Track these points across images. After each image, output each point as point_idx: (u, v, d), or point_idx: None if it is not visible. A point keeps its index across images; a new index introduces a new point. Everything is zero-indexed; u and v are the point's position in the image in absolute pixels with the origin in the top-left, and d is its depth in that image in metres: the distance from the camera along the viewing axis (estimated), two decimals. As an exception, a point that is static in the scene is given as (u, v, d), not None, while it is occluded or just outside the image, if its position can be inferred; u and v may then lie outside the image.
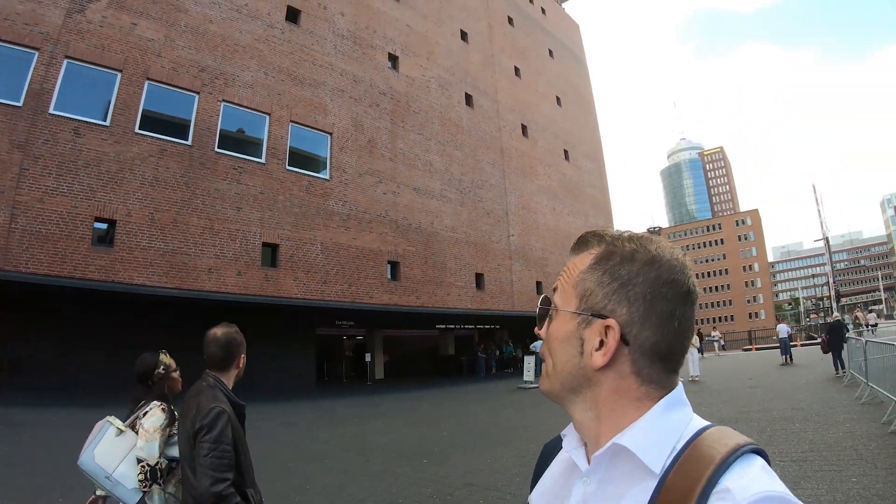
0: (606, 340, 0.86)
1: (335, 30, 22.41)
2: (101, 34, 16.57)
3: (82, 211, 15.24)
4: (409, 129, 24.35)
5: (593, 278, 0.90)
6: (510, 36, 34.01)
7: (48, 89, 15.43)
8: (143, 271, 15.89)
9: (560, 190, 34.30)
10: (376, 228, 21.62)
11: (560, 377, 0.91)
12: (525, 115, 32.54)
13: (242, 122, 19.03)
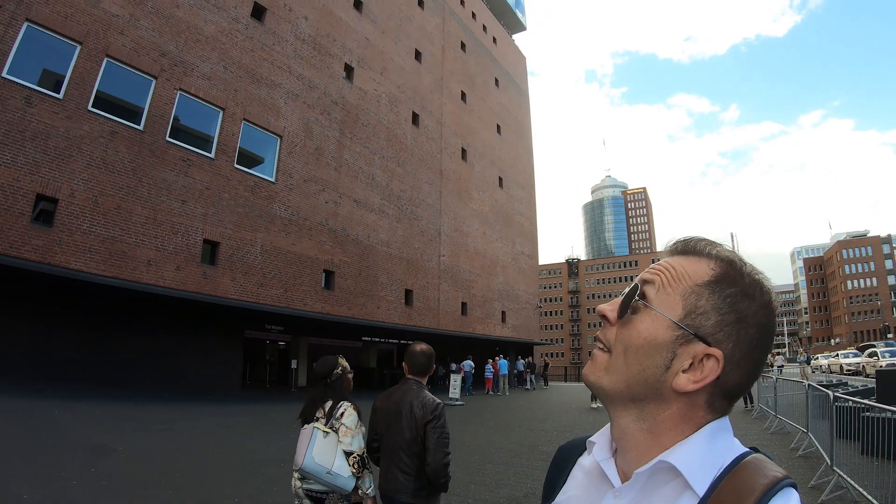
0: (702, 368, 0.84)
1: (297, 33, 22.58)
2: (66, 1, 16.05)
3: (24, 185, 14.50)
4: (357, 140, 24.69)
5: (712, 300, 0.86)
6: (461, 61, 35.02)
7: (4, 51, 14.66)
8: (82, 256, 15.36)
9: (491, 215, 35.42)
10: (315, 236, 21.80)
11: (629, 380, 0.87)
12: (466, 140, 33.53)
13: (195, 114, 18.80)
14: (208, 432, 11.65)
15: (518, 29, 50.51)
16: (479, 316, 32.69)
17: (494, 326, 34.49)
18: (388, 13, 28.37)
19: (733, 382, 0.85)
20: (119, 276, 16.04)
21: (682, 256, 0.92)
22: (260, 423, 13.68)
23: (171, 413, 13.47)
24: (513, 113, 41.81)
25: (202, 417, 13.60)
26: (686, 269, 0.90)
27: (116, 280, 15.93)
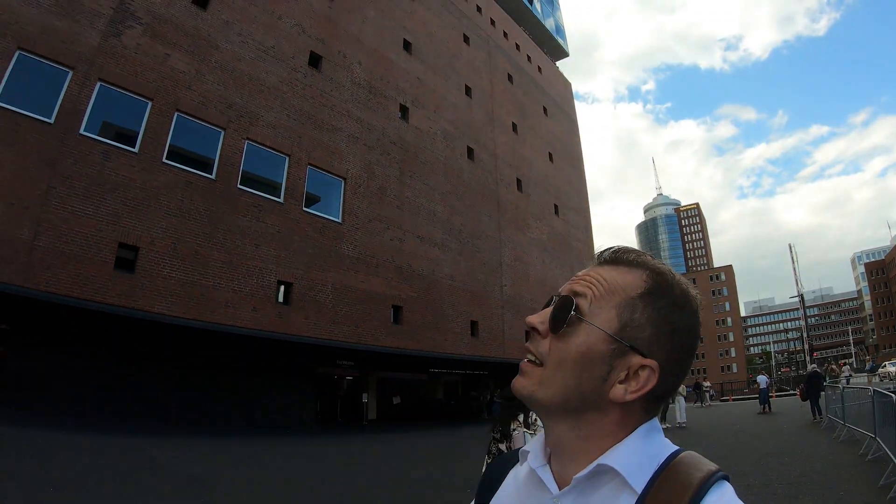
0: (638, 379, 0.86)
1: (352, 78, 23.49)
2: (135, 61, 17.16)
3: (107, 235, 15.52)
4: (416, 178, 25.34)
5: (646, 312, 0.88)
6: (510, 93, 35.56)
7: (80, 109, 15.82)
8: (163, 300, 16.22)
9: (550, 243, 35.47)
10: (382, 273, 22.35)
11: (566, 392, 0.88)
12: (520, 170, 33.85)
13: (263, 161, 19.75)
14: (296, 463, 12.05)
15: (561, 55, 50.95)
16: (544, 344, 32.54)
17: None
18: (437, 52, 29.18)
19: (666, 387, 0.89)
20: (199, 318, 16.80)
21: (612, 267, 0.93)
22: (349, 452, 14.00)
23: (253, 445, 13.97)
24: (563, 140, 42.00)
25: (285, 450, 14.05)
26: (618, 281, 0.90)
27: (197, 322, 16.74)
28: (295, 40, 21.77)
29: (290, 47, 21.46)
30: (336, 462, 12.75)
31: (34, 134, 15.11)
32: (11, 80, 15.17)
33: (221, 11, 19.84)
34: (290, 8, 21.95)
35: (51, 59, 15.81)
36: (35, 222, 14.65)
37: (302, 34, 22.14)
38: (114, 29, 16.98)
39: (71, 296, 14.70)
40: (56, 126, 15.45)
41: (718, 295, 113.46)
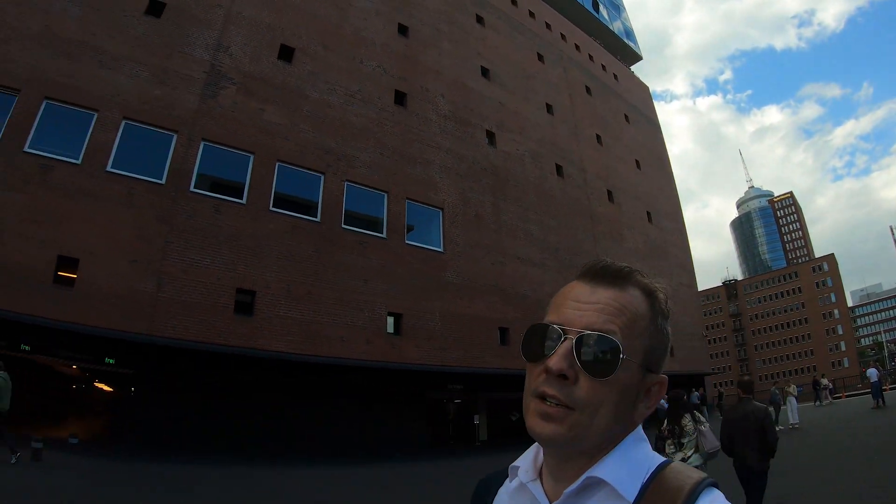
0: (651, 394, 0.93)
1: (437, 110, 24.19)
2: (233, 118, 18.52)
3: (225, 282, 16.77)
4: (510, 200, 25.64)
5: (657, 335, 0.93)
6: (590, 105, 35.42)
7: (188, 168, 17.27)
8: (281, 339, 17.22)
9: (646, 251, 34.81)
10: (487, 297, 22.69)
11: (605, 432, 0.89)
12: (609, 181, 33.54)
13: (364, 200, 20.66)
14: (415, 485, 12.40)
15: (634, 60, 50.30)
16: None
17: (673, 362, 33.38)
18: (513, 74, 29.55)
19: None
20: (316, 354, 17.66)
21: (615, 291, 0.93)
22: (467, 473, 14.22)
23: (372, 470, 14.42)
24: (647, 145, 41.31)
25: (403, 473, 14.43)
26: (630, 309, 0.91)
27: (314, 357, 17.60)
28: (378, 81, 22.72)
29: (375, 89, 22.40)
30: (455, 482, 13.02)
31: (148, 195, 16.51)
32: (121, 147, 16.75)
33: (305, 63, 21.03)
34: (369, 51, 22.98)
35: (155, 125, 17.34)
36: (157, 275, 15.96)
37: (384, 74, 23.07)
38: (209, 91, 18.40)
39: (195, 340, 15.90)
40: (167, 186, 16.87)
41: (822, 287, 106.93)
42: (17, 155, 15.70)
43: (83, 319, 14.96)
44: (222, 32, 19.81)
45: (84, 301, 15.12)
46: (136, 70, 17.85)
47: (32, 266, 14.97)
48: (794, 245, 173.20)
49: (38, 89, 16.51)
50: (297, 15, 21.89)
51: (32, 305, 14.55)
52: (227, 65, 19.41)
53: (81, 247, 15.57)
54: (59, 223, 15.50)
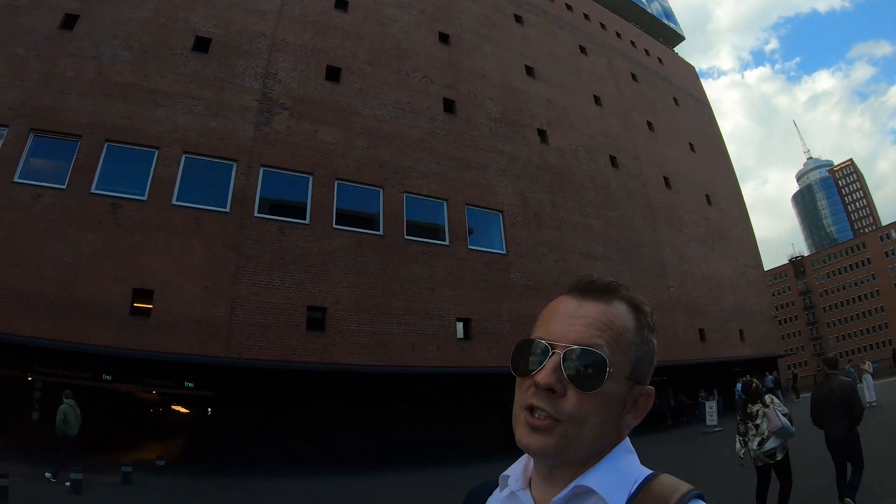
0: (638, 405, 0.95)
1: (487, 114, 24.29)
2: (289, 142, 19.11)
3: (295, 301, 17.32)
4: (567, 197, 25.50)
5: (643, 347, 0.95)
6: (637, 92, 34.87)
7: (250, 195, 17.93)
8: (354, 352, 17.64)
9: (707, 235, 33.99)
10: (553, 295, 21.24)
11: (592, 443, 0.91)
12: (665, 167, 32.92)
13: (424, 209, 20.97)
14: None
15: (677, 40, 49.35)
16: (717, 339, 31.04)
17: (734, 347, 32.48)
18: (558, 70, 29.38)
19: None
20: (389, 364, 17.94)
21: (601, 305, 0.95)
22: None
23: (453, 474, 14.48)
24: (700, 127, 40.36)
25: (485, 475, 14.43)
26: (615, 321, 0.93)
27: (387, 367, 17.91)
28: (426, 91, 22.99)
29: (424, 99, 22.67)
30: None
31: (215, 223, 17.22)
32: (184, 180, 17.60)
33: (353, 81, 21.48)
34: (414, 63, 23.29)
35: (214, 156, 18.09)
36: (229, 300, 16.59)
37: (431, 84, 23.32)
38: (263, 118, 19.03)
39: (270, 359, 16.49)
40: (232, 213, 17.55)
41: (892, 256, 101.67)
42: (85, 197, 16.59)
43: (161, 347, 15.72)
44: (269, 60, 20.44)
45: (161, 329, 15.89)
46: (190, 105, 18.61)
47: (110, 301, 15.81)
48: (860, 214, 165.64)
49: (98, 133, 17.43)
50: (339, 35, 22.39)
51: (112, 338, 15.40)
52: (278, 91, 20.00)
53: (155, 278, 16.36)
54: (132, 258, 16.32)
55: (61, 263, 15.84)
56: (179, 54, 19.64)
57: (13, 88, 17.41)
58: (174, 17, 20.29)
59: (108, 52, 18.81)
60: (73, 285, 15.73)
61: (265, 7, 21.80)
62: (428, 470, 15.86)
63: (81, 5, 19.41)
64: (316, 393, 17.62)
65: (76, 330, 15.30)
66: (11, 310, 15.05)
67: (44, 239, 15.95)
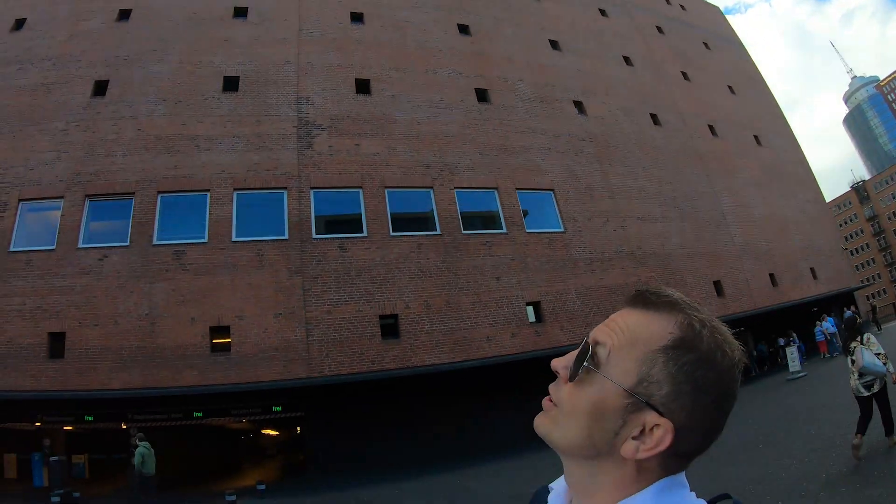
0: (651, 437, 0.83)
1: (521, 96, 24.18)
2: (333, 161, 19.56)
3: (366, 313, 17.79)
4: (616, 163, 25.17)
5: (666, 368, 0.83)
6: (666, 44, 34.07)
7: (305, 218, 18.44)
8: (432, 352, 17.97)
9: (763, 177, 33.00)
10: (617, 264, 22.40)
11: (579, 440, 0.87)
12: (708, 115, 32.10)
13: (476, 201, 21.13)
14: None
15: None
16: (790, 282, 30.17)
17: (808, 287, 31.47)
18: (582, 38, 28.98)
19: (688, 447, 0.84)
20: (467, 359, 18.17)
21: (642, 312, 0.89)
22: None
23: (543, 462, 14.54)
24: (736, 67, 39.17)
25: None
26: (641, 331, 0.86)
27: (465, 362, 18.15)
28: (457, 85, 23.06)
29: (456, 93, 22.74)
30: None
31: (276, 252, 17.86)
32: (239, 216, 18.34)
33: (384, 89, 21.74)
34: (438, 60, 23.44)
35: (264, 188, 18.70)
36: (303, 322, 17.19)
37: (460, 77, 23.37)
38: (304, 142, 19.55)
39: (351, 373, 17.03)
40: (291, 239, 18.17)
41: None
42: (149, 249, 17.48)
43: (245, 378, 16.51)
44: (298, 86, 20.93)
45: (242, 361, 16.70)
46: (232, 144, 19.25)
47: (189, 342, 16.66)
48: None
49: (150, 187, 18.31)
50: (361, 48, 22.72)
51: (198, 376, 16.29)
52: (313, 113, 20.45)
53: (229, 314, 17.12)
54: (204, 298, 17.12)
55: (137, 315, 16.74)
56: (212, 97, 20.27)
57: (61, 161, 18.41)
58: (198, 62, 20.97)
59: (144, 109, 19.62)
60: (152, 334, 16.62)
61: (284, 35, 22.30)
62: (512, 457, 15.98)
63: (108, 70, 20.30)
64: (400, 398, 17.98)
65: (163, 375, 16.20)
66: (98, 367, 16.11)
67: (117, 296, 16.88)
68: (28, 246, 17.48)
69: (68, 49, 20.77)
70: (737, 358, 0.85)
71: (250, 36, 22.14)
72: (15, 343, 16.15)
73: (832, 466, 7.54)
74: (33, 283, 16.80)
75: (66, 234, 17.54)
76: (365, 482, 15.17)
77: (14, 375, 15.81)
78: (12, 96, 19.59)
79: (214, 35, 21.93)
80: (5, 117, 19.12)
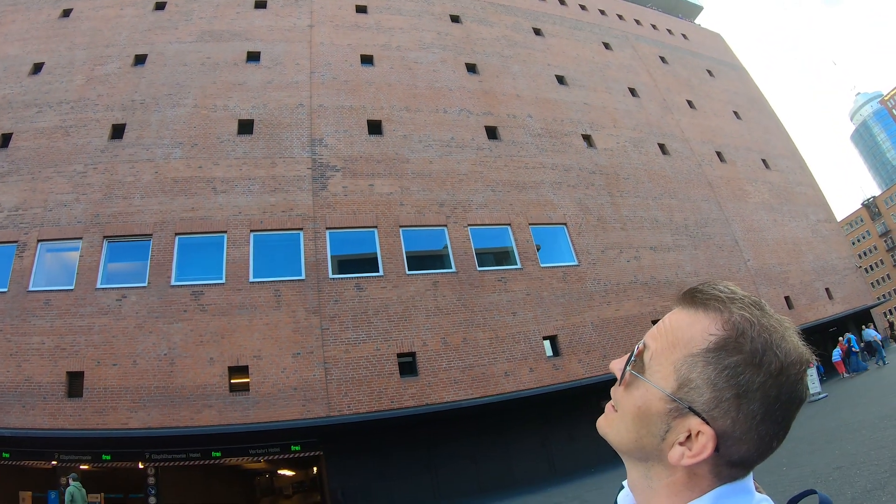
0: (695, 443, 0.81)
1: (530, 131, 24.57)
2: (348, 201, 19.90)
3: (384, 351, 17.94)
4: (626, 195, 25.43)
5: (705, 373, 0.81)
6: (670, 73, 34.56)
7: (321, 259, 18.74)
8: (450, 388, 18.02)
9: (773, 200, 33.12)
10: (632, 294, 22.51)
11: (630, 442, 0.88)
12: (715, 142, 32.39)
13: (489, 238, 21.35)
14: None
15: (696, 12, 48.56)
16: (805, 303, 30.07)
17: (824, 307, 31.32)
18: (587, 71, 29.50)
19: (739, 455, 0.82)
20: (486, 394, 18.27)
21: (687, 311, 0.87)
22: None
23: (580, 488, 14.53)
24: (739, 92, 39.55)
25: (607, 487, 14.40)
26: (683, 333, 0.85)
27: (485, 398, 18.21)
28: (466, 124, 23.49)
29: (466, 131, 23.18)
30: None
31: (294, 292, 18.10)
32: (256, 257, 18.69)
33: (395, 129, 22.19)
34: (449, 99, 23.90)
35: (280, 229, 19.07)
36: (321, 362, 17.42)
37: (470, 115, 23.82)
38: (319, 184, 19.93)
39: (370, 412, 17.13)
40: (308, 279, 18.43)
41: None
42: (167, 290, 17.84)
43: (263, 417, 16.67)
44: (312, 128, 21.42)
45: (261, 401, 16.90)
46: (248, 186, 19.68)
47: (207, 381, 16.91)
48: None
49: (167, 229, 18.74)
50: (372, 89, 23.25)
51: (216, 416, 16.52)
52: (327, 155, 20.89)
53: (247, 354, 17.40)
54: (222, 338, 17.41)
55: (156, 355, 17.04)
56: (227, 140, 20.79)
57: (79, 202, 18.90)
58: (213, 106, 21.53)
59: (161, 152, 20.16)
60: (170, 374, 16.90)
61: (296, 79, 22.86)
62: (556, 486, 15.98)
63: (125, 114, 20.89)
64: (420, 434, 18.09)
65: (181, 415, 16.42)
66: (117, 406, 16.39)
67: (135, 336, 17.21)
68: (47, 286, 17.88)
69: (86, 93, 21.43)
70: (793, 359, 0.82)
71: (263, 80, 22.74)
72: (33, 381, 16.45)
73: (857, 484, 7.60)
74: (52, 322, 17.16)
75: (84, 274, 17.93)
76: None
77: (32, 414, 16.09)
78: (31, 138, 20.21)
79: (228, 79, 22.55)
80: (25, 159, 19.71)
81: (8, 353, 16.74)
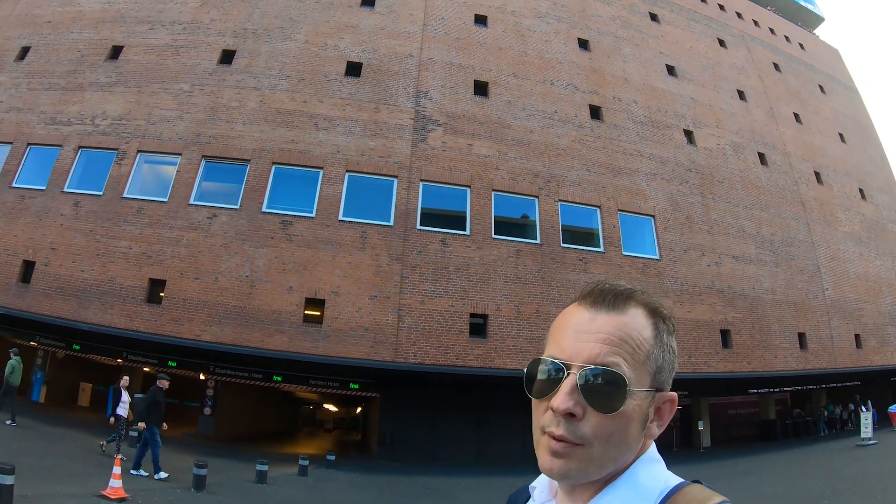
0: (663, 412, 0.94)
1: (633, 117, 24.28)
2: (445, 157, 20.20)
3: (458, 309, 18.40)
4: (718, 198, 25.02)
5: (662, 354, 0.93)
6: (781, 82, 33.35)
7: (412, 209, 19.24)
8: (515, 357, 18.39)
9: (863, 232, 31.88)
10: (706, 299, 22.31)
11: (616, 461, 0.90)
12: (815, 161, 31.30)
13: (578, 216, 21.50)
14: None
15: (817, 23, 46.35)
16: (874, 345, 28.96)
17: (892, 354, 30.20)
18: (698, 66, 28.73)
19: None
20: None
21: (616, 315, 0.93)
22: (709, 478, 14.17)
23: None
24: (848, 114, 37.87)
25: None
26: (632, 333, 0.90)
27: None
28: (571, 99, 23.36)
29: (570, 107, 23.04)
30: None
31: (380, 237, 18.65)
32: (348, 197, 19.22)
33: (501, 94, 22.22)
34: (557, 72, 23.73)
35: (376, 174, 19.56)
36: (396, 308, 17.91)
37: (576, 92, 23.65)
38: (419, 135, 20.21)
39: (434, 364, 17.69)
40: (396, 226, 18.94)
41: None
42: (257, 215, 18.55)
43: (333, 352, 17.43)
44: (419, 80, 21.65)
45: (332, 336, 17.65)
46: (349, 127, 20.11)
47: (283, 309, 17.69)
48: None
49: (266, 157, 19.37)
50: (483, 50, 23.26)
51: (286, 343, 17.37)
52: (430, 108, 21.11)
53: (325, 289, 18.05)
54: (304, 270, 18.11)
55: (238, 276, 17.87)
56: (334, 80, 21.21)
57: (182, 120, 19.70)
58: (324, 45, 21.93)
59: (268, 83, 20.72)
60: (249, 295, 17.73)
61: (409, 29, 23.03)
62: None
63: (236, 41, 21.47)
64: (477, 396, 18.57)
65: (253, 336, 17.32)
66: (193, 318, 17.36)
67: (221, 254, 18.04)
68: (141, 195, 18.97)
69: (199, 16, 22.19)
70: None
71: (376, 25, 22.98)
72: (116, 283, 17.59)
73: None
74: (142, 229, 18.25)
75: (179, 188, 18.84)
76: (430, 471, 15.90)
77: (111, 313, 17.25)
78: (141, 53, 21.12)
79: (341, 20, 22.89)
80: (132, 72, 20.63)
81: (95, 252, 17.83)
